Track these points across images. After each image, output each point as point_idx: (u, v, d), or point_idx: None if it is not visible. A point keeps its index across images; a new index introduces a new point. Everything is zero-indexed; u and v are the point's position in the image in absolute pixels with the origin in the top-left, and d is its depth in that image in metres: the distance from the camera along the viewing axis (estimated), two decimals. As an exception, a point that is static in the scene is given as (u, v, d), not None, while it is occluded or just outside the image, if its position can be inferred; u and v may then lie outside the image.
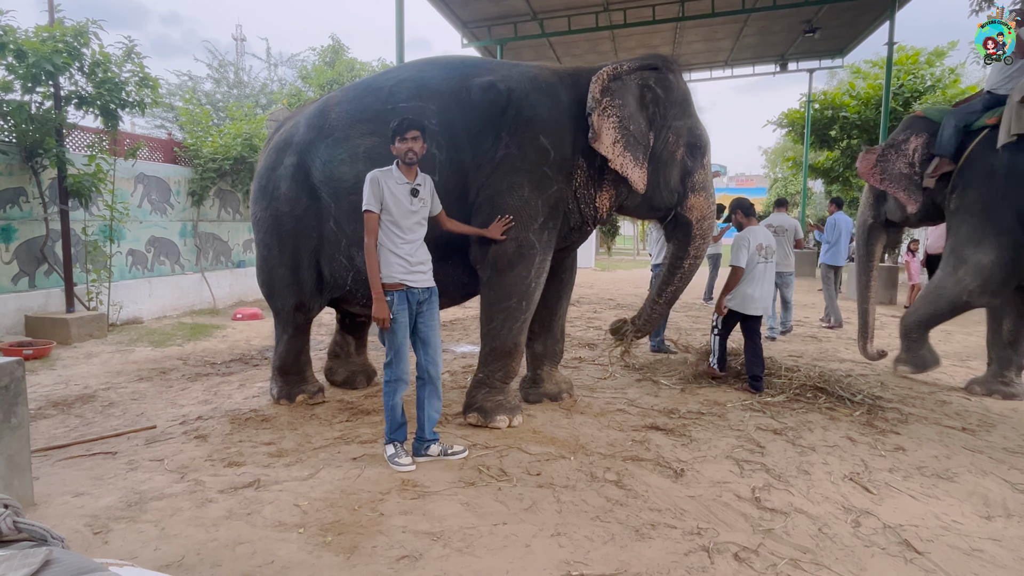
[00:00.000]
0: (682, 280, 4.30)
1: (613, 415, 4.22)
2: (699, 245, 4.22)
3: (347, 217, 4.05)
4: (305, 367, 4.59)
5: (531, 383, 4.54)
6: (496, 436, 3.76)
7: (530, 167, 3.81)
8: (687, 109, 4.10)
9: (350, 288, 4.25)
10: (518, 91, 3.93)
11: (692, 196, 4.14)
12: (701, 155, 4.14)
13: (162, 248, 8.99)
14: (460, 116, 3.91)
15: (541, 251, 3.86)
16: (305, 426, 4.02)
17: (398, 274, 3.32)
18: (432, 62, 4.35)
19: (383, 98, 4.07)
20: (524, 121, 3.86)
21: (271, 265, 4.38)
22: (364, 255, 3.37)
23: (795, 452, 3.59)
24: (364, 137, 4.01)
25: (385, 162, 3.84)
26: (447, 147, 3.86)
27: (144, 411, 4.41)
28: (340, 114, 4.16)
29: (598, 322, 8.43)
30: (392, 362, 3.36)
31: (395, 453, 3.34)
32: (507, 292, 3.82)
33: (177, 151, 9.51)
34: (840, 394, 4.63)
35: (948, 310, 4.95)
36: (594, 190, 4.00)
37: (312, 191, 4.15)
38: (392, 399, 3.39)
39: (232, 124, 10.42)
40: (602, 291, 12.60)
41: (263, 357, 6.22)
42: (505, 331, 3.86)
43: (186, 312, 9.12)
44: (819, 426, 4.04)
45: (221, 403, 4.59)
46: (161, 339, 7.11)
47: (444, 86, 4.03)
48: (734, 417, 4.19)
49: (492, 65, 4.21)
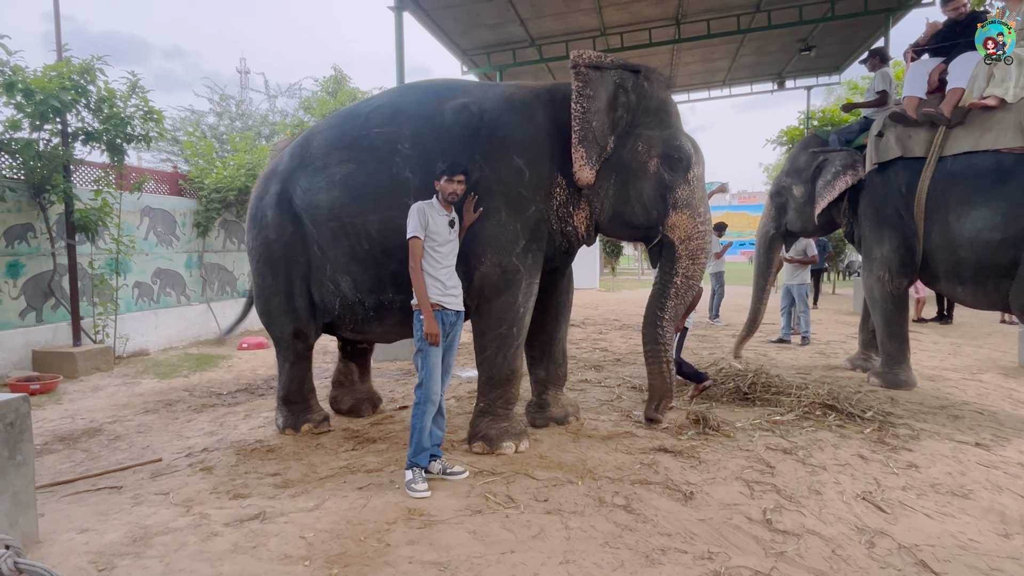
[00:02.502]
0: (676, 297, 4.05)
1: (621, 438, 4.18)
2: (687, 266, 3.99)
3: (329, 243, 4.12)
4: (309, 396, 4.59)
5: (537, 407, 4.51)
6: (503, 462, 3.73)
7: (506, 189, 3.81)
8: (664, 120, 3.95)
9: (339, 314, 4.29)
10: (491, 112, 3.94)
11: (674, 214, 3.91)
12: (683, 169, 3.92)
13: (168, 280, 9.05)
14: (434, 140, 3.93)
15: (527, 275, 3.85)
16: (310, 456, 4.00)
17: (435, 295, 3.48)
18: (411, 87, 4.41)
19: (359, 124, 4.15)
20: (497, 142, 3.86)
21: (267, 294, 4.44)
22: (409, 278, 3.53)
23: (806, 471, 3.55)
24: (340, 164, 4.07)
25: (365, 189, 3.99)
26: (421, 172, 3.88)
27: (150, 444, 4.40)
28: (320, 142, 4.24)
29: (603, 343, 8.41)
30: (424, 383, 3.45)
31: (413, 479, 3.34)
32: (497, 319, 3.82)
33: (182, 183, 9.62)
34: (850, 411, 4.58)
35: (889, 307, 5.54)
36: (572, 208, 3.98)
37: (296, 218, 4.23)
38: (422, 420, 3.44)
39: (235, 155, 10.55)
40: (607, 312, 12.58)
41: (269, 386, 6.22)
42: (500, 358, 3.85)
43: (192, 343, 9.14)
44: (830, 444, 3.99)
45: (227, 434, 4.58)
46: (167, 370, 7.12)
47: (419, 110, 4.07)
48: (743, 437, 4.15)
49: (468, 87, 4.22)
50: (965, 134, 4.88)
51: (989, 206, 4.65)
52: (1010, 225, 4.54)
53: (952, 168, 4.91)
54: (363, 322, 4.28)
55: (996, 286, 4.75)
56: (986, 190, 4.68)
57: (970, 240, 4.77)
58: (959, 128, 4.94)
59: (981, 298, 4.93)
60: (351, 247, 4.06)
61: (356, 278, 4.12)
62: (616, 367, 6.70)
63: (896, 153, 5.26)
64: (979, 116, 4.84)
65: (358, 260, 4.07)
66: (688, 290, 4.07)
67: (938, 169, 4.98)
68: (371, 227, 3.97)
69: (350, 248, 4.06)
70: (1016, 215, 4.52)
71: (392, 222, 3.90)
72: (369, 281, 4.10)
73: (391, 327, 4.31)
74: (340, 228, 4.06)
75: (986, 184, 4.68)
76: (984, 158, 4.73)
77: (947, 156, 4.95)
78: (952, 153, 4.92)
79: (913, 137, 5.21)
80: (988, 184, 4.67)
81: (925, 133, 5.15)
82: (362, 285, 4.12)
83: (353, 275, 4.12)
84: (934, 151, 5.02)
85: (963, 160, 4.86)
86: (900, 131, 5.30)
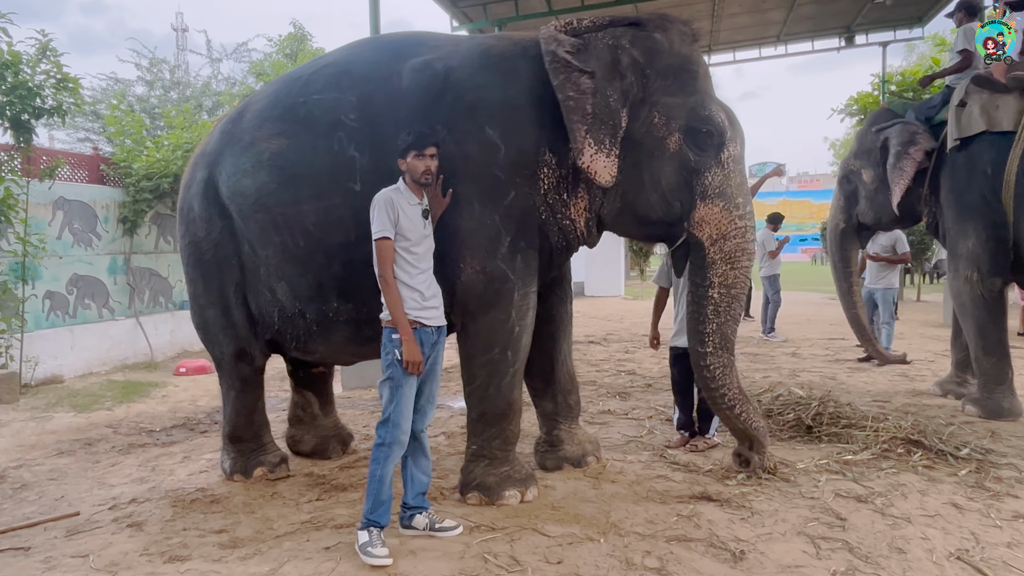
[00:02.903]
0: (718, 317, 3.86)
1: (653, 483, 4.18)
2: (725, 273, 3.81)
3: (259, 241, 4.13)
4: (261, 431, 4.61)
5: (547, 446, 4.52)
6: (505, 515, 3.72)
7: (475, 171, 3.75)
8: (687, 83, 3.81)
9: (278, 328, 4.31)
10: (459, 70, 3.89)
11: (702, 205, 3.76)
12: (715, 147, 3.76)
13: (87, 288, 9.08)
14: (386, 108, 3.89)
15: (520, 282, 3.80)
16: (265, 508, 4.00)
17: (412, 310, 3.44)
18: (368, 42, 4.45)
19: (296, 91, 4.15)
20: (465, 109, 3.80)
21: (200, 304, 4.49)
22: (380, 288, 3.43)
23: (885, 524, 3.53)
24: (270, 140, 4.07)
25: (298, 170, 3.96)
26: (371, 149, 3.85)
27: (65, 494, 4.40)
28: (252, 115, 4.25)
29: (630, 364, 8.41)
30: (389, 419, 3.37)
31: (368, 541, 3.27)
32: (486, 341, 3.81)
33: (104, 169, 9.68)
34: (941, 448, 4.57)
35: (982, 315, 5.60)
36: (567, 195, 3.88)
37: (223, 210, 4.25)
38: (382, 467, 3.36)
39: (170, 133, 10.62)
40: (634, 325, 12.59)
41: (212, 421, 6.23)
42: (492, 390, 3.83)
43: (117, 367, 9.17)
44: (915, 490, 3.98)
45: (161, 481, 4.58)
46: (86, 402, 7.13)
47: (370, 71, 4.05)
48: (806, 481, 4.14)
49: (438, 42, 4.19)
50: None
51: None
52: None
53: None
54: (306, 338, 4.30)
55: None
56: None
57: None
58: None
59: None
60: (283, 245, 4.07)
61: (292, 284, 4.14)
62: (646, 394, 6.70)
63: (980, 127, 5.33)
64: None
65: (293, 261, 4.08)
66: (732, 303, 3.89)
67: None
68: (306, 219, 3.96)
69: (282, 246, 4.07)
70: None
71: (332, 213, 3.90)
72: (308, 288, 4.11)
73: (339, 345, 4.32)
74: (269, 221, 4.06)
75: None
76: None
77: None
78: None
79: (1001, 107, 5.26)
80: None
81: (1015, 102, 5.22)
82: (300, 293, 4.14)
83: (289, 280, 4.14)
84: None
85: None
86: (986, 100, 5.35)
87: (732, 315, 3.92)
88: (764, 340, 10.26)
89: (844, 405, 5.47)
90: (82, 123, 17.57)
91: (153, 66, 18.44)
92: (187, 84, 18.76)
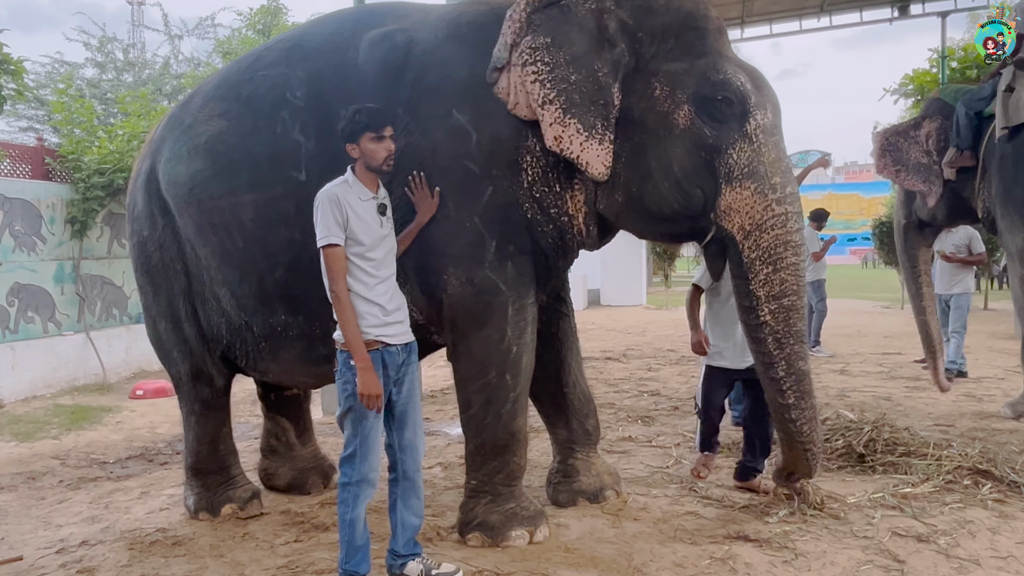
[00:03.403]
0: (774, 331, 3.57)
1: (681, 520, 4.17)
2: (768, 278, 3.51)
3: (197, 239, 4.15)
4: (229, 462, 4.63)
5: (561, 476, 4.52)
6: (512, 558, 3.71)
7: (444, 164, 3.65)
8: (691, 43, 3.59)
9: (227, 342, 4.32)
10: (423, 43, 3.83)
11: (728, 190, 3.51)
12: (736, 117, 3.51)
13: (30, 299, 9.11)
14: (338, 86, 3.85)
15: (514, 294, 3.73)
16: (235, 551, 3.99)
17: (371, 327, 3.30)
18: (335, 13, 4.46)
19: (244, 67, 4.20)
20: (428, 89, 3.73)
21: (152, 316, 4.54)
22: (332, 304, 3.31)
23: (951, 568, 3.52)
24: (209, 121, 4.09)
25: (235, 156, 3.94)
26: (317, 132, 3.82)
27: (5, 535, 4.40)
28: (202, 95, 4.30)
29: (654, 384, 8.40)
30: (354, 455, 3.30)
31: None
32: (480, 363, 3.78)
33: (50, 162, 9.73)
34: (1013, 479, 4.55)
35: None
36: (558, 186, 3.74)
37: (164, 205, 4.28)
38: (351, 510, 3.29)
39: (125, 121, 10.67)
40: (658, 338, 12.59)
41: (174, 451, 6.23)
42: (491, 419, 3.80)
43: (65, 389, 9.19)
44: (984, 527, 3.97)
45: (115, 521, 4.58)
46: (30, 429, 7.14)
47: (325, 44, 4.04)
48: (858, 518, 4.13)
49: (405, 11, 4.14)
50: None
51: None
52: None
53: None
54: (255, 356, 4.31)
55: None
56: None
57: None
58: None
59: None
60: (220, 244, 4.07)
61: (233, 291, 4.15)
62: (672, 418, 6.69)
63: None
64: None
65: (231, 264, 4.09)
66: (791, 319, 3.56)
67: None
68: (243, 214, 3.96)
69: (219, 245, 4.08)
70: None
71: (273, 206, 3.89)
72: (250, 295, 4.12)
73: (292, 364, 4.32)
74: (203, 215, 4.07)
75: None
76: None
77: None
78: None
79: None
80: None
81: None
82: (243, 301, 4.15)
83: (230, 286, 4.15)
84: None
85: None
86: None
87: (798, 338, 3.59)
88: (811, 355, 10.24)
89: (901, 430, 5.44)
90: (24, 110, 17.64)
91: (103, 45, 18.51)
92: (143, 65, 18.84)
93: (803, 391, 3.63)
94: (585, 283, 18.41)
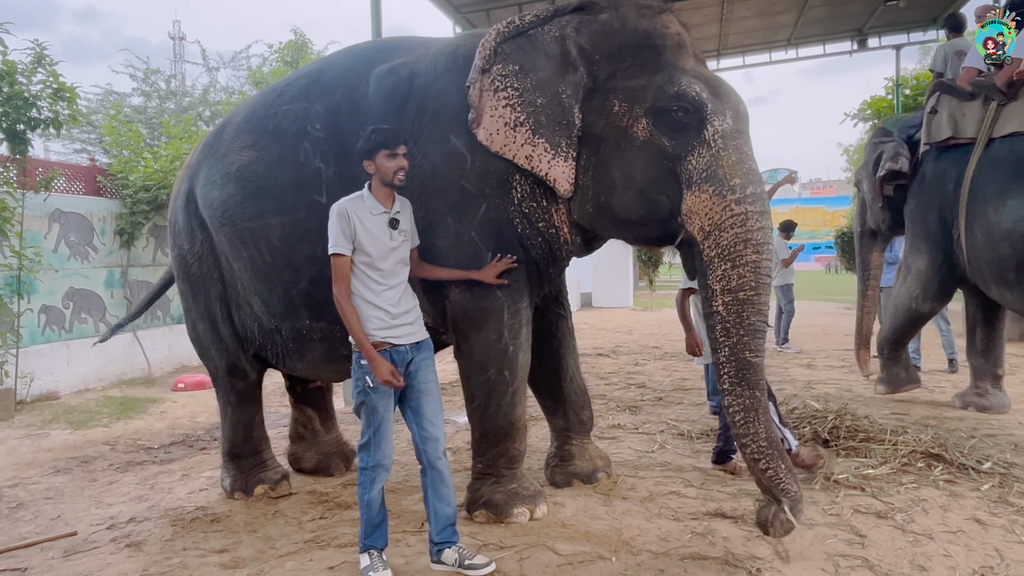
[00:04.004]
0: (729, 334, 3.26)
1: (665, 499, 4.18)
2: (726, 273, 3.25)
3: (231, 254, 4.21)
4: (261, 447, 4.64)
5: (558, 460, 4.52)
6: (514, 532, 3.72)
7: (444, 185, 3.67)
8: (648, 60, 3.50)
9: (259, 343, 4.38)
10: (424, 75, 3.83)
11: (689, 194, 3.35)
12: (694, 126, 3.36)
13: (84, 302, 9.12)
14: (351, 118, 3.87)
15: (508, 299, 3.75)
16: (267, 526, 4.00)
17: (377, 330, 3.28)
18: (348, 49, 4.45)
19: (270, 102, 4.21)
20: (429, 118, 3.74)
21: (192, 318, 4.59)
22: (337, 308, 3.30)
23: (906, 542, 3.52)
24: (241, 152, 4.13)
25: (263, 183, 3.99)
26: (336, 160, 3.86)
27: (61, 513, 4.41)
28: (232, 127, 4.33)
29: (640, 378, 8.40)
30: (368, 443, 3.30)
31: (370, 565, 3.26)
32: (481, 362, 3.80)
33: (101, 180, 9.74)
34: (962, 462, 4.56)
35: (905, 321, 6.33)
36: (545, 202, 3.73)
37: (202, 222, 4.35)
38: (368, 492, 3.29)
39: (168, 144, 10.67)
40: (644, 337, 12.58)
41: (212, 438, 6.24)
42: (492, 409, 3.82)
43: (114, 383, 9.19)
44: (936, 505, 3.97)
45: (159, 500, 4.60)
46: (83, 419, 7.15)
47: (340, 80, 4.04)
48: (824, 497, 4.13)
49: (411, 46, 4.13)
50: (1017, 112, 5.24)
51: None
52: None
53: (996, 152, 5.30)
54: (284, 355, 4.37)
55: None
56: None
57: (1007, 234, 5.11)
58: (1012, 105, 5.28)
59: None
60: (251, 259, 4.13)
61: (264, 300, 4.21)
62: (657, 408, 6.69)
63: (947, 133, 5.65)
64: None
65: (261, 277, 4.15)
66: (744, 314, 3.24)
67: (985, 154, 5.37)
68: (271, 234, 4.01)
69: (250, 261, 4.14)
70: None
71: (297, 227, 3.93)
72: (278, 303, 4.16)
73: (316, 363, 4.35)
74: (236, 234, 4.13)
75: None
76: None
77: (995, 138, 5.33)
78: (1001, 135, 5.29)
79: (967, 115, 5.55)
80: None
81: (979, 109, 5.48)
82: (273, 308, 4.20)
83: (261, 296, 4.21)
84: (984, 131, 5.40)
85: (1007, 143, 5.24)
86: (954, 107, 5.66)
87: (748, 330, 3.24)
88: (778, 351, 10.24)
89: (861, 418, 5.46)
90: (78, 134, 17.72)
91: (148, 76, 18.57)
92: (184, 93, 18.89)
93: (742, 380, 3.22)
94: (578, 287, 18.44)
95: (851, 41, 15.53)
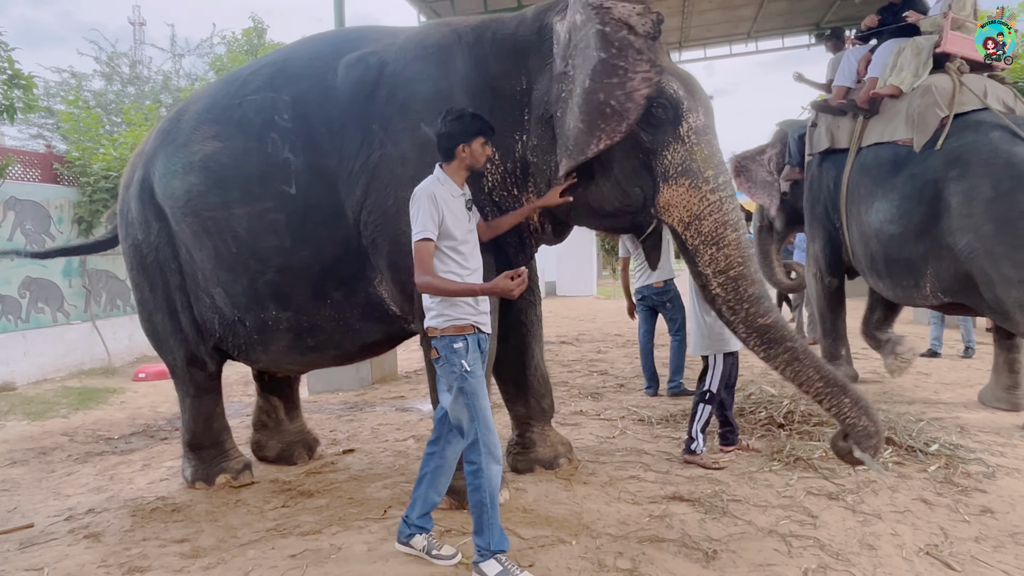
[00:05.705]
0: (735, 310, 3.42)
1: (625, 483, 4.21)
2: (714, 257, 3.39)
3: (193, 245, 4.14)
4: (222, 437, 4.60)
5: (519, 447, 4.53)
6: (476, 518, 3.72)
7: (414, 173, 3.54)
8: None
9: (220, 335, 4.33)
10: (393, 64, 3.80)
11: (665, 188, 3.43)
12: (671, 121, 3.41)
13: (40, 292, 8.92)
14: (319, 107, 3.84)
15: None
16: (228, 516, 3.97)
17: (468, 315, 3.17)
18: (313, 38, 4.40)
19: (233, 91, 4.13)
20: (398, 106, 3.71)
21: (147, 309, 4.50)
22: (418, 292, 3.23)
23: (856, 521, 3.60)
24: (204, 142, 4.06)
25: (228, 173, 3.92)
26: (304, 149, 3.82)
27: (18, 505, 4.34)
28: (191, 115, 4.24)
29: (603, 365, 8.45)
30: (478, 440, 3.06)
31: (504, 571, 2.98)
32: None
33: (59, 168, 9.52)
34: (910, 444, 4.65)
35: (823, 304, 6.82)
36: (516, 190, 3.72)
37: (159, 212, 4.26)
38: (490, 486, 3.03)
39: (129, 131, 10.47)
40: (607, 324, 12.66)
41: (173, 428, 6.15)
42: None
43: (73, 373, 9.03)
44: (885, 486, 4.05)
45: (119, 490, 4.53)
46: (41, 409, 7.01)
47: (306, 69, 4.00)
48: (777, 480, 4.20)
49: (379, 35, 4.10)
50: (876, 124, 5.96)
51: (887, 198, 5.62)
52: (904, 218, 5.45)
53: (864, 159, 6.01)
54: (247, 347, 4.32)
55: (914, 281, 5.56)
56: (884, 182, 5.69)
57: (875, 233, 5.74)
58: (874, 118, 6.01)
59: (900, 292, 5.83)
60: (215, 250, 4.07)
61: (228, 289, 4.15)
62: (618, 395, 6.74)
63: (825, 144, 6.42)
64: (888, 106, 5.89)
65: (225, 267, 4.09)
66: (740, 287, 3.39)
67: (856, 160, 6.09)
68: (237, 224, 3.95)
69: (215, 251, 4.07)
70: (907, 208, 5.43)
71: (264, 217, 3.88)
72: (243, 294, 4.11)
73: (281, 354, 4.31)
74: (200, 224, 4.06)
75: (885, 176, 5.70)
76: (886, 150, 5.79)
77: (863, 147, 6.06)
78: (867, 144, 6.01)
79: (841, 127, 6.33)
80: (886, 176, 5.69)
81: (850, 123, 6.25)
82: (237, 299, 4.15)
83: (224, 287, 4.15)
84: (854, 142, 6.13)
85: (872, 151, 5.95)
86: (830, 121, 6.44)
87: (750, 301, 3.39)
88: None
89: (815, 403, 5.56)
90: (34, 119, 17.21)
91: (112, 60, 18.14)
92: (145, 79, 18.49)
93: (768, 342, 3.36)
94: (542, 276, 18.48)
95: (809, 35, 15.69)
